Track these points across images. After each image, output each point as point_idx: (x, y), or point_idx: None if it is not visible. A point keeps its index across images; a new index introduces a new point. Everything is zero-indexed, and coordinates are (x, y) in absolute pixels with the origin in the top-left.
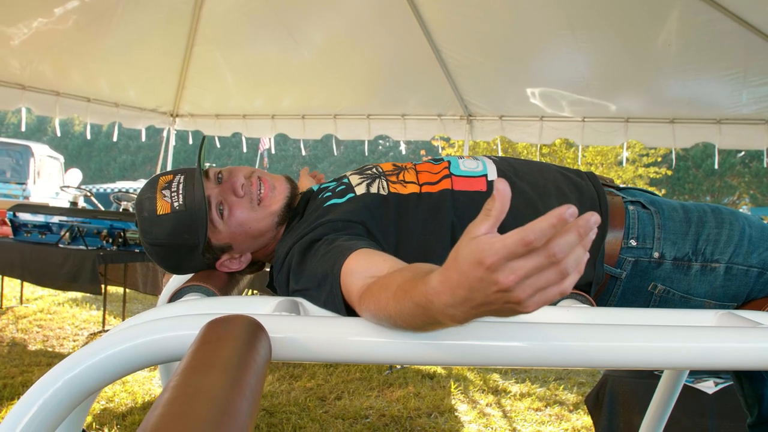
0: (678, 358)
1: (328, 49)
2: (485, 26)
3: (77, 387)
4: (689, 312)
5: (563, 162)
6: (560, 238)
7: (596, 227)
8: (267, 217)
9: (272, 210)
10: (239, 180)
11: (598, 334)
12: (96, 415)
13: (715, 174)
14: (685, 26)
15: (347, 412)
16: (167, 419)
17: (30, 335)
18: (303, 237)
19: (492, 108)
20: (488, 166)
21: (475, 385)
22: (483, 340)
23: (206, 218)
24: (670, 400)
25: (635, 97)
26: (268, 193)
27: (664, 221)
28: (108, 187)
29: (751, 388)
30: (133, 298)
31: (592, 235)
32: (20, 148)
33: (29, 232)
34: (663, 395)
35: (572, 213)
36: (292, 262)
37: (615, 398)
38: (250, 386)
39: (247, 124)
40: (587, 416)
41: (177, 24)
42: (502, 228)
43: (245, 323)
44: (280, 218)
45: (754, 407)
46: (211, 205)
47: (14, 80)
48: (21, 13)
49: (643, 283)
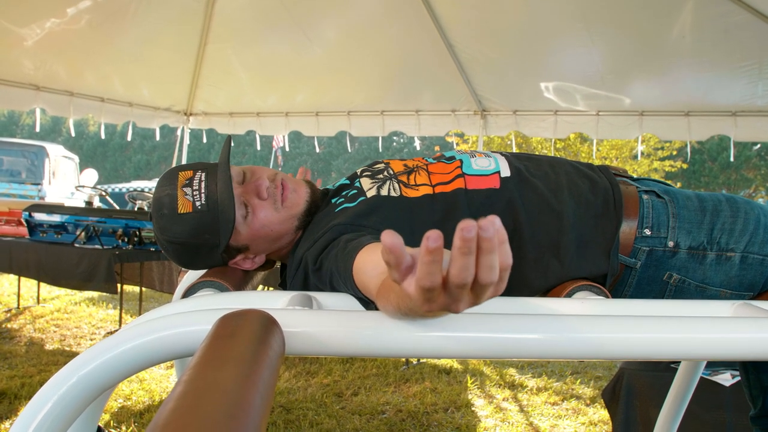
0: (695, 349)
1: (340, 45)
2: (498, 21)
3: (92, 383)
4: (705, 303)
5: (578, 157)
6: (453, 269)
7: (494, 227)
8: (289, 219)
9: (294, 212)
10: (264, 182)
11: (614, 325)
12: (113, 414)
13: (731, 167)
14: (700, 18)
15: (364, 407)
16: (179, 413)
17: (47, 335)
18: (316, 242)
19: (506, 103)
20: (500, 162)
21: (491, 379)
22: (499, 333)
23: (232, 220)
24: (687, 392)
25: (650, 90)
26: (289, 195)
27: (679, 210)
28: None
29: (757, 380)
30: (149, 297)
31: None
32: (35, 149)
33: (45, 232)
34: (680, 388)
35: (435, 238)
36: (308, 269)
37: (632, 391)
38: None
39: (261, 122)
40: (604, 410)
41: (190, 22)
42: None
43: (258, 318)
44: (300, 222)
45: (759, 399)
46: (236, 208)
47: (28, 81)
48: (34, 14)
49: (658, 272)
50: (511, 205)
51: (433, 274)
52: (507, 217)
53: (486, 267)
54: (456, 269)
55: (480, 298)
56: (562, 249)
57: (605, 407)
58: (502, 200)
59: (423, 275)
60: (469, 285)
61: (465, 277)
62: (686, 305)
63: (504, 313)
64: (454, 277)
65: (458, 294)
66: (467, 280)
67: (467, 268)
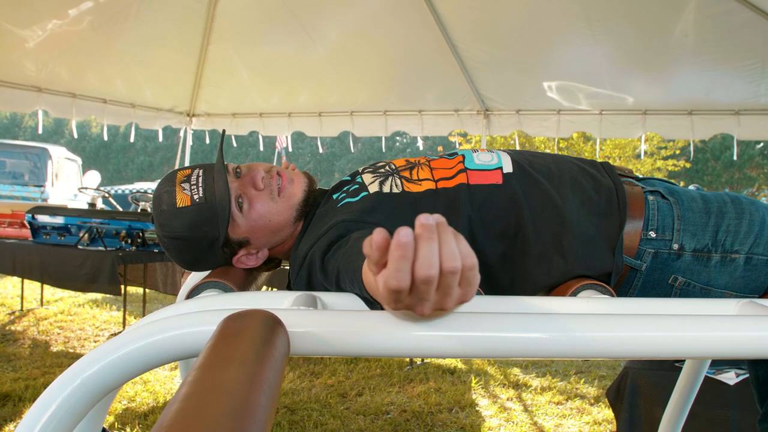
0: (700, 347)
1: (343, 45)
2: (501, 20)
3: (96, 385)
4: (710, 301)
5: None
6: (417, 260)
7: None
8: (286, 209)
9: (291, 202)
10: (259, 173)
11: (619, 324)
12: (118, 415)
13: (734, 166)
14: (702, 17)
15: (368, 408)
16: (185, 414)
17: (51, 337)
18: (319, 239)
19: (509, 102)
20: (503, 158)
21: (495, 379)
22: (504, 332)
23: (228, 210)
24: (692, 391)
25: (653, 89)
26: (286, 185)
27: (684, 212)
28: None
29: (766, 381)
30: (153, 299)
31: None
32: (38, 151)
33: (48, 234)
34: (684, 387)
35: (406, 233)
36: (312, 267)
37: (636, 391)
38: (268, 381)
39: (264, 123)
40: (608, 409)
41: (192, 23)
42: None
43: (263, 318)
44: (298, 212)
45: (767, 400)
46: (231, 198)
47: (30, 83)
48: (35, 16)
49: (663, 276)
50: (514, 201)
51: (402, 272)
52: (510, 213)
53: (448, 254)
54: (420, 259)
55: (446, 298)
56: (565, 245)
57: (609, 406)
58: (505, 196)
59: (391, 274)
60: (434, 281)
61: (429, 268)
62: (691, 304)
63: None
64: (418, 269)
65: (424, 292)
66: (432, 272)
67: (431, 256)
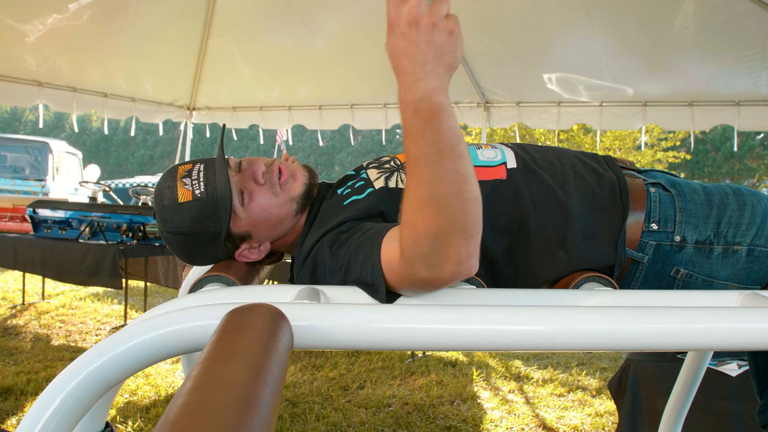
0: (702, 339)
1: (343, 38)
2: (500, 12)
3: (99, 379)
4: (712, 293)
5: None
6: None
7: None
8: (287, 202)
9: (292, 195)
10: (260, 168)
11: (621, 316)
12: (120, 409)
13: (735, 157)
14: (702, 8)
15: (370, 400)
16: (189, 408)
17: (53, 330)
18: (327, 233)
19: (509, 95)
20: (506, 153)
21: (497, 372)
22: (507, 324)
23: (230, 204)
24: (694, 383)
25: (653, 81)
26: (287, 178)
27: (686, 204)
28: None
29: (766, 372)
30: (154, 292)
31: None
32: (38, 145)
33: (49, 228)
34: (686, 378)
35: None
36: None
37: (638, 382)
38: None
39: (264, 116)
40: (610, 401)
41: (192, 17)
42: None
43: (267, 312)
44: (299, 205)
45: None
46: (232, 193)
47: (31, 77)
48: (35, 10)
49: (665, 268)
50: (518, 197)
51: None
52: (514, 208)
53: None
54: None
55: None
56: (568, 240)
57: (611, 398)
58: (509, 191)
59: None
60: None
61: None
62: (693, 295)
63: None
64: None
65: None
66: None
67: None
